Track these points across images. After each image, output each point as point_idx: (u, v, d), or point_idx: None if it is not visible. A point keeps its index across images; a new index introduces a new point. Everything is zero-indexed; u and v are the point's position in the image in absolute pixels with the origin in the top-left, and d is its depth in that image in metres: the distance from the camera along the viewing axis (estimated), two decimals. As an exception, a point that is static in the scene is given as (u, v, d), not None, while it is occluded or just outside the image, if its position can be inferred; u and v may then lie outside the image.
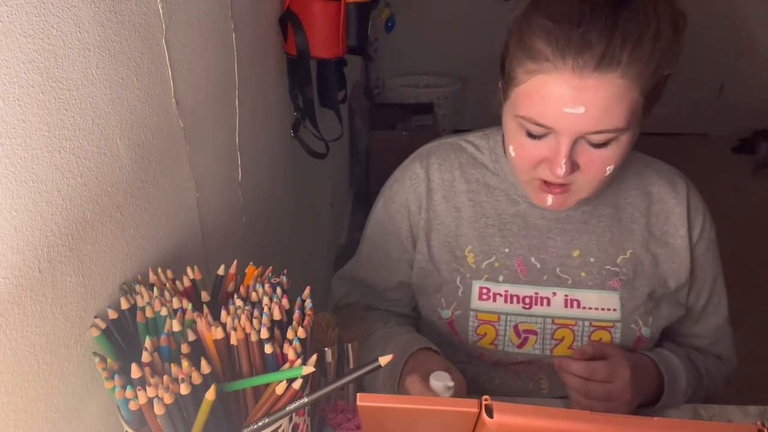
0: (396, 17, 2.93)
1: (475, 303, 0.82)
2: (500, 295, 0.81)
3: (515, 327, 0.81)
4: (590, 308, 0.81)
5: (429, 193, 0.85)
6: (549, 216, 0.83)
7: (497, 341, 0.82)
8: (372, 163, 2.64)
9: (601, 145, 0.68)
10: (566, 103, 0.65)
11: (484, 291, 0.82)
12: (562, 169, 0.68)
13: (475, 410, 0.50)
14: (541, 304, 0.81)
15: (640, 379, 0.75)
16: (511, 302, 0.81)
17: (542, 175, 0.73)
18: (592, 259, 0.82)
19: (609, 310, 0.81)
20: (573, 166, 0.69)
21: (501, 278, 0.82)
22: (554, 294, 0.82)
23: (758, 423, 0.49)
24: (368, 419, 0.56)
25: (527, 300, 0.81)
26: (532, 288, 0.82)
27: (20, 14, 0.41)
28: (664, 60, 0.66)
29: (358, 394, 0.52)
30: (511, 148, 0.75)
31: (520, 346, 0.82)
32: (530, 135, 0.70)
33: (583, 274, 0.82)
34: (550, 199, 0.75)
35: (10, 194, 0.41)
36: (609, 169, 0.71)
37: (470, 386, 0.78)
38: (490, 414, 0.50)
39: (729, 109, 3.57)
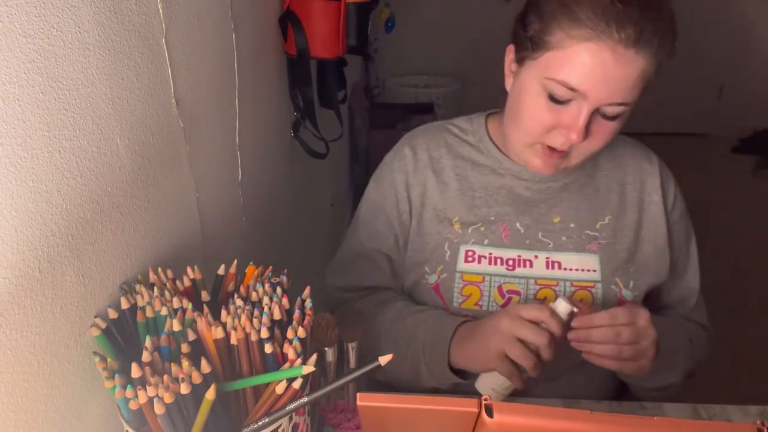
0: (396, 17, 2.93)
1: (461, 265, 0.85)
2: (485, 257, 0.85)
3: (499, 287, 0.84)
4: (571, 269, 0.84)
5: (416, 171, 0.90)
6: (533, 188, 0.87)
7: (482, 302, 0.84)
8: (372, 163, 2.63)
9: (612, 117, 0.73)
10: (606, 73, 0.69)
11: (470, 254, 0.85)
12: (580, 136, 0.72)
13: (475, 410, 0.51)
14: (524, 266, 0.84)
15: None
16: (495, 264, 0.85)
17: (551, 140, 0.76)
18: (572, 225, 0.86)
19: (589, 270, 0.84)
20: (586, 134, 0.73)
21: (486, 242, 0.85)
22: (536, 257, 0.85)
23: (758, 422, 0.49)
24: (368, 419, 0.56)
25: (510, 262, 0.85)
26: (515, 251, 0.85)
27: (20, 14, 0.41)
28: (674, 43, 0.72)
29: (358, 394, 0.52)
30: (525, 111, 0.77)
31: (503, 305, 0.84)
32: (553, 99, 0.73)
33: (564, 239, 0.86)
34: (546, 164, 0.79)
35: (10, 194, 0.41)
36: (607, 141, 0.76)
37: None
38: (490, 414, 0.50)
39: (729, 109, 3.57)
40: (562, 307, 0.71)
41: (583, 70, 0.69)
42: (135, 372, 0.48)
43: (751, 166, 3.37)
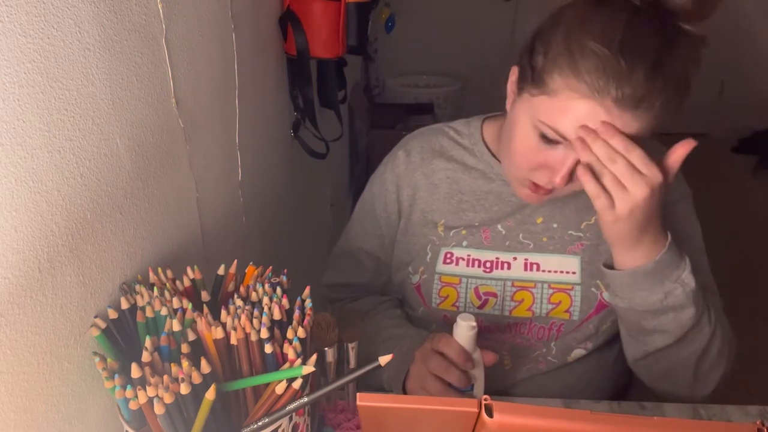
0: (396, 17, 2.93)
1: (440, 267, 0.86)
2: (463, 259, 0.85)
3: (476, 289, 0.85)
4: (549, 271, 0.84)
5: (408, 173, 0.90)
6: None
7: (458, 303, 0.85)
8: (372, 163, 2.64)
9: None
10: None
11: (448, 255, 0.86)
12: (563, 182, 0.70)
13: (475, 410, 0.51)
14: (502, 268, 0.85)
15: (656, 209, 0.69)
16: (473, 266, 0.85)
17: (536, 178, 0.74)
18: (554, 225, 0.85)
19: (568, 272, 0.83)
20: (570, 178, 0.71)
21: (465, 243, 0.86)
22: (515, 259, 0.85)
23: (758, 422, 0.49)
24: (368, 419, 0.56)
25: (488, 264, 0.85)
26: (494, 253, 0.85)
27: (20, 14, 0.41)
28: (685, 101, 0.68)
29: (358, 394, 0.52)
30: (515, 143, 0.74)
31: (480, 307, 0.85)
32: (544, 138, 0.70)
33: (544, 239, 0.85)
34: (531, 197, 0.77)
35: (10, 194, 0.41)
36: None
37: None
38: (489, 414, 0.50)
39: (729, 109, 3.57)
40: (464, 325, 0.71)
41: (574, 123, 0.66)
42: (135, 372, 0.48)
43: (751, 166, 3.36)
